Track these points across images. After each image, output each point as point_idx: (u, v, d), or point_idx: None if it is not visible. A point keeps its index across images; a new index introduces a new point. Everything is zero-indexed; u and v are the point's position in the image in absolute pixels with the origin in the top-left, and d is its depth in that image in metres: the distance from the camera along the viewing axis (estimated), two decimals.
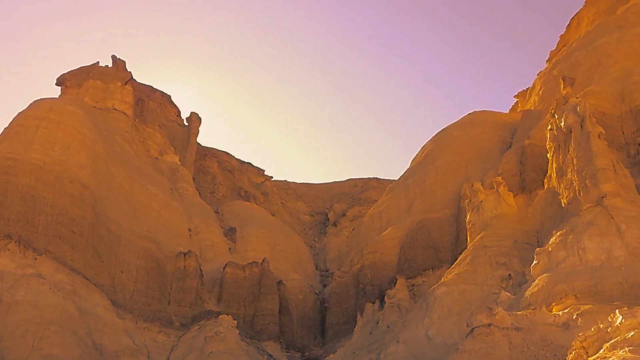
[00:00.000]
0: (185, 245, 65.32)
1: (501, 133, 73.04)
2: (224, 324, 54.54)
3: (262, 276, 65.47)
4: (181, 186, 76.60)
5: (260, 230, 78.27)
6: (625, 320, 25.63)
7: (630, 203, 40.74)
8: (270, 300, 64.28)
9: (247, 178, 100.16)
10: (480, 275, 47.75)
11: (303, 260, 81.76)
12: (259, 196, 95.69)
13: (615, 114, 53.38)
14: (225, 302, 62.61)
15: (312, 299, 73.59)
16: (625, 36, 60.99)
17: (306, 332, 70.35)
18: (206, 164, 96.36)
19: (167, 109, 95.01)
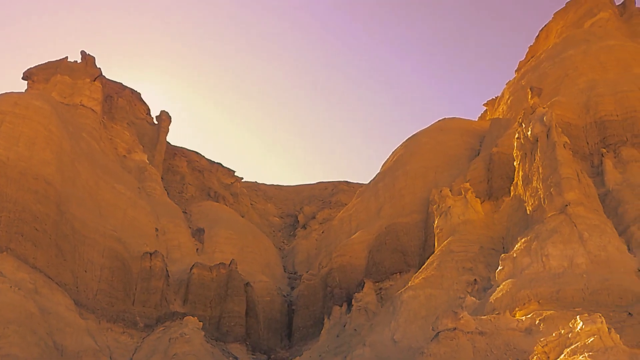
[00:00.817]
0: (152, 245, 64.34)
1: (470, 140, 74.18)
2: (190, 325, 53.87)
3: (229, 277, 64.90)
4: (149, 185, 75.46)
5: (228, 232, 77.62)
6: (585, 326, 26.27)
7: (592, 212, 41.84)
8: (237, 302, 63.75)
9: (216, 178, 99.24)
10: (447, 280, 48.31)
11: (271, 262, 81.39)
12: (228, 197, 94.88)
13: (580, 124, 54.78)
14: (191, 303, 61.85)
15: (280, 301, 73.30)
16: (591, 49, 62.71)
17: (273, 334, 70.01)
18: (175, 164, 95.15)
19: (137, 107, 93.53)
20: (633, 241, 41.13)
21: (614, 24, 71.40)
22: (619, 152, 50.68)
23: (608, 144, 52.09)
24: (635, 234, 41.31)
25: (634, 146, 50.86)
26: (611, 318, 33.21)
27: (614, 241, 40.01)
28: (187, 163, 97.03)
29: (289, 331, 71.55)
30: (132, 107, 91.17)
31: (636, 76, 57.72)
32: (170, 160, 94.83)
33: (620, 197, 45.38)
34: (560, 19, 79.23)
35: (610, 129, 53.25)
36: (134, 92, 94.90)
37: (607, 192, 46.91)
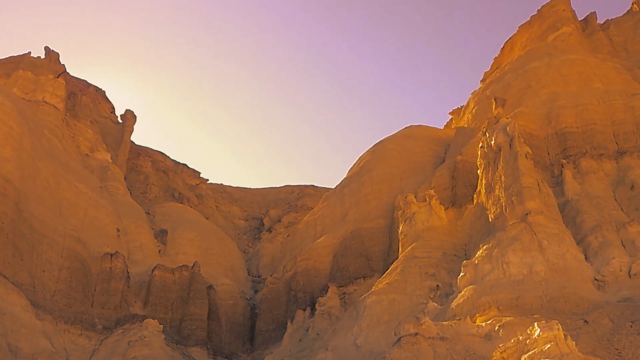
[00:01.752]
0: (113, 245, 63.01)
1: (435, 148, 75.21)
2: (150, 328, 52.89)
3: (192, 280, 64.04)
4: (111, 185, 73.94)
5: (192, 233, 76.62)
6: (542, 332, 26.89)
7: (552, 221, 42.93)
8: (199, 305, 62.93)
9: (181, 179, 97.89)
10: (410, 285, 48.76)
11: (235, 265, 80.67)
12: (193, 198, 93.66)
13: (541, 135, 56.17)
14: (152, 305, 60.78)
15: (243, 305, 72.67)
16: (554, 62, 64.45)
17: (235, 338, 69.35)
18: (139, 163, 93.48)
19: (101, 105, 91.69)
20: (590, 250, 42.34)
21: (576, 38, 73.58)
22: (578, 163, 52.16)
23: (568, 155, 53.55)
24: (592, 244, 42.54)
25: (592, 158, 52.41)
26: (568, 325, 34.08)
27: (572, 250, 41.13)
28: (152, 163, 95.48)
29: (251, 335, 71.01)
30: (96, 105, 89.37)
31: (596, 90, 59.55)
32: (134, 160, 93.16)
33: (579, 207, 46.68)
34: (525, 32, 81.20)
35: (571, 141, 54.76)
36: (99, 89, 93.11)
37: (566, 202, 48.19)
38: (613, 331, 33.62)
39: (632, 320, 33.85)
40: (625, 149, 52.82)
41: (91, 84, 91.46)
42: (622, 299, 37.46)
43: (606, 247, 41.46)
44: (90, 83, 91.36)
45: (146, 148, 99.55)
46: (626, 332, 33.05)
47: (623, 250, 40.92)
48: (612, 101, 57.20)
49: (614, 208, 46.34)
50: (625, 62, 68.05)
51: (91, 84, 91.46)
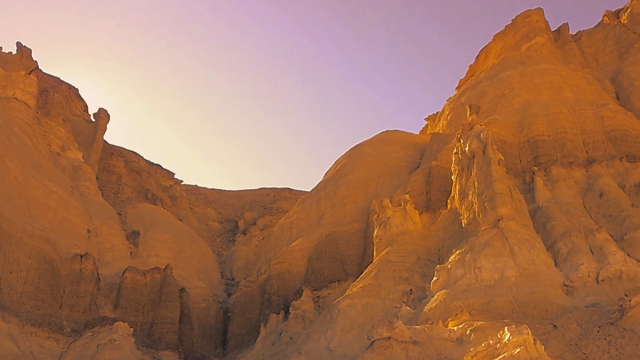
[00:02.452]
0: (83, 246, 61.84)
1: (411, 153, 75.81)
2: (120, 331, 52.00)
3: (163, 283, 63.18)
4: (83, 184, 72.61)
5: (165, 235, 75.63)
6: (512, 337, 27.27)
7: (523, 227, 43.61)
8: (171, 308, 62.11)
9: (155, 180, 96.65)
10: (384, 290, 48.95)
11: (208, 268, 79.89)
12: (166, 200, 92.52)
13: (514, 142, 57.08)
14: (122, 308, 59.78)
15: (216, 308, 71.97)
16: (527, 71, 65.65)
17: (207, 342, 68.61)
18: (112, 163, 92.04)
19: (74, 103, 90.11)
20: (559, 256, 43.11)
21: (548, 48, 75.10)
22: (549, 170, 53.13)
23: (539, 163, 54.52)
24: (562, 250, 43.33)
25: (563, 166, 53.44)
26: (537, 330, 34.63)
27: (542, 255, 41.83)
28: (125, 163, 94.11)
29: (223, 339, 70.36)
30: (68, 103, 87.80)
31: (567, 99, 60.81)
32: (106, 159, 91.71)
33: (549, 214, 47.52)
34: (500, 40, 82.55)
35: (542, 148, 55.78)
36: (72, 87, 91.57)
37: (537, 208, 49.02)
38: (581, 336, 34.27)
39: (599, 325, 34.55)
40: (594, 158, 54.02)
41: (64, 81, 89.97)
42: (589, 304, 38.23)
43: (575, 253, 42.28)
44: (63, 80, 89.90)
45: (119, 148, 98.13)
46: (593, 337, 33.72)
47: (591, 257, 41.78)
48: (582, 111, 58.48)
49: (583, 215, 47.31)
50: (596, 73, 69.71)
51: (64, 81, 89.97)
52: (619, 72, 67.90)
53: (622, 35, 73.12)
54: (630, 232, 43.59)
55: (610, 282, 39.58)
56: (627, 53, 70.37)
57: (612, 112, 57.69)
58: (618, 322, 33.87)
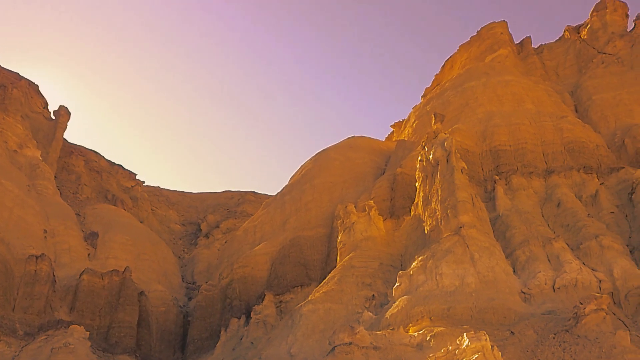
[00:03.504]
0: (39, 247, 59.98)
1: (376, 159, 76.35)
2: (75, 335, 50.58)
3: (122, 286, 61.78)
4: (40, 183, 70.50)
5: (124, 237, 74.00)
6: (471, 343, 27.62)
7: (484, 234, 44.37)
8: (129, 311, 60.76)
9: (115, 181, 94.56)
10: (346, 295, 48.99)
11: (169, 271, 78.50)
12: (127, 201, 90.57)
13: (477, 151, 58.12)
14: (78, 311, 58.17)
15: (175, 312, 70.71)
16: (491, 82, 67.04)
17: (165, 346, 67.32)
18: (71, 162, 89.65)
19: (33, 100, 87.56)
20: (518, 264, 44.00)
21: (512, 60, 76.89)
22: (509, 179, 54.25)
23: (501, 172, 55.62)
24: (520, 257, 44.23)
25: (523, 175, 54.65)
26: (495, 336, 35.19)
27: (501, 263, 42.62)
28: (85, 163, 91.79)
29: (183, 343, 69.15)
30: (27, 100, 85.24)
31: (528, 110, 62.31)
32: (66, 158, 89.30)
33: (509, 222, 48.48)
34: (465, 51, 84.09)
35: (503, 158, 56.96)
36: (32, 83, 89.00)
37: (497, 217, 49.95)
38: (537, 342, 34.98)
39: (555, 332, 35.35)
40: (553, 168, 55.43)
41: (24, 77, 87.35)
42: (546, 311, 39.09)
43: (533, 261, 43.22)
44: (23, 76, 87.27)
45: (79, 147, 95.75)
46: (549, 343, 34.47)
47: (548, 265, 42.77)
48: (542, 122, 59.99)
49: (541, 224, 48.43)
50: (556, 86, 71.71)
51: (24, 77, 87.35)
52: (578, 85, 70.01)
53: (581, 50, 75.45)
54: (586, 241, 44.82)
55: (566, 290, 40.58)
56: (586, 67, 72.63)
57: (571, 125, 59.38)
58: (573, 329, 34.72)
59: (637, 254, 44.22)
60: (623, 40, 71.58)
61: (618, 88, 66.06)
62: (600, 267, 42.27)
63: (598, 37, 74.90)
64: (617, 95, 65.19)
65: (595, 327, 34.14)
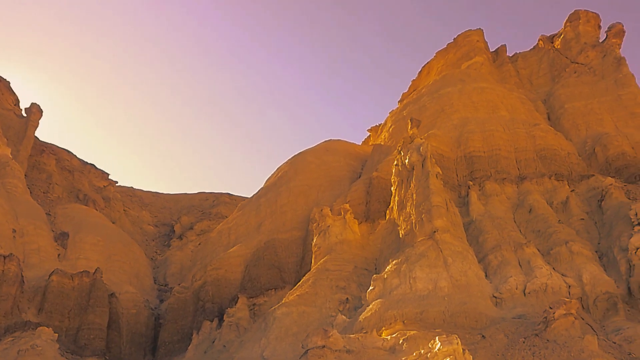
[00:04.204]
0: (7, 247, 58.60)
1: (353, 163, 76.62)
2: (43, 336, 49.50)
3: (92, 287, 60.73)
4: (9, 182, 68.94)
5: (96, 238, 72.79)
6: (443, 346, 27.84)
7: (457, 239, 44.83)
8: (99, 313, 59.73)
9: (87, 180, 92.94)
10: (320, 298, 48.97)
11: (141, 273, 77.40)
12: (99, 201, 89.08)
13: (452, 157, 58.77)
14: (47, 312, 56.97)
15: (146, 315, 69.73)
16: (466, 89, 67.91)
17: (136, 349, 66.33)
18: (42, 161, 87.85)
19: (4, 96, 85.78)
20: (490, 268, 44.56)
21: (487, 68, 77.99)
22: (483, 185, 54.97)
23: (474, 178, 56.33)
24: (492, 262, 44.79)
25: (496, 181, 55.43)
26: (467, 340, 35.54)
27: (474, 267, 43.10)
28: (56, 161, 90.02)
29: (153, 346, 68.20)
30: None
31: (502, 117, 63.27)
32: (37, 156, 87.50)
33: (482, 227, 49.09)
34: (441, 57, 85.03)
35: (477, 164, 57.70)
36: (3, 80, 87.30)
37: (471, 222, 50.55)
38: (507, 346, 35.43)
39: (525, 336, 35.86)
40: (525, 175, 56.34)
41: None
42: (516, 315, 39.63)
43: (504, 266, 43.81)
44: None
45: (51, 145, 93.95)
46: (519, 347, 34.94)
47: (519, 270, 43.40)
48: (516, 129, 60.96)
49: (513, 229, 49.16)
50: (529, 94, 72.98)
51: None
52: (551, 94, 71.36)
53: (555, 59, 76.90)
54: (556, 247, 45.63)
55: (536, 295, 41.22)
56: (559, 76, 74.05)
57: (543, 132, 60.44)
58: (542, 333, 35.26)
59: (606, 260, 45.18)
60: (595, 51, 73.17)
61: (589, 97, 67.52)
62: (570, 273, 43.05)
63: (571, 47, 76.43)
64: (588, 104, 66.62)
65: (564, 332, 34.72)
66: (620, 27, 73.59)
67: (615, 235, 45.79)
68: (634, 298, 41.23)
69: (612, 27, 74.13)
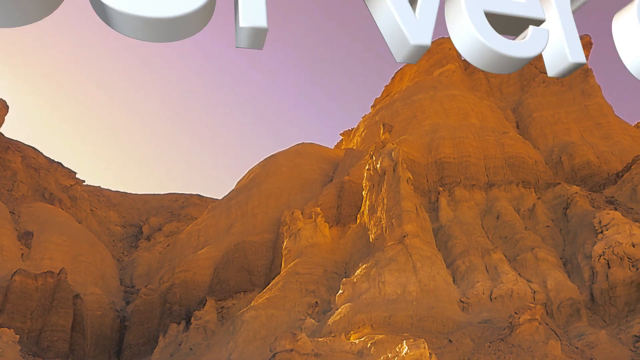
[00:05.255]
0: None
1: (325, 166, 76.71)
2: (4, 338, 48.07)
3: (56, 288, 59.35)
4: None
5: (61, 238, 71.18)
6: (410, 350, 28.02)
7: (426, 244, 45.28)
8: (63, 314, 58.39)
9: (54, 179, 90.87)
10: (290, 301, 48.82)
11: (107, 274, 75.97)
12: (65, 200, 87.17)
13: (422, 162, 59.37)
14: (8, 313, 55.40)
15: (112, 317, 68.44)
16: (438, 95, 68.75)
17: (100, 351, 65.03)
18: (7, 158, 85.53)
19: None
20: (458, 274, 45.11)
21: (459, 76, 79.14)
22: (453, 191, 55.66)
23: (444, 184, 57.00)
24: (460, 267, 45.36)
25: (465, 187, 56.20)
26: (434, 344, 35.87)
27: (442, 272, 43.58)
28: (22, 159, 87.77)
29: (119, 349, 66.96)
30: None
31: (472, 125, 64.21)
32: (2, 153, 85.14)
33: (451, 233, 49.68)
34: (414, 64, 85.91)
35: (448, 170, 58.41)
36: None
37: (440, 227, 51.09)
38: (473, 350, 35.89)
39: (490, 340, 36.38)
40: (494, 182, 57.26)
41: None
42: (482, 320, 40.19)
43: (472, 271, 44.41)
44: None
45: (17, 142, 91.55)
46: (484, 351, 35.43)
47: (486, 275, 44.04)
48: (485, 137, 61.94)
49: (481, 235, 49.88)
50: (499, 102, 74.31)
51: None
52: (520, 103, 72.78)
53: (524, 69, 78.51)
54: (522, 253, 46.46)
55: (502, 300, 41.88)
56: (528, 86, 75.63)
57: (512, 140, 61.56)
58: (507, 338, 35.82)
59: (570, 266, 46.17)
60: None
61: (557, 107, 69.09)
62: (535, 279, 43.87)
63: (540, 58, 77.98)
64: (555, 114, 68.16)
65: (528, 337, 35.34)
66: (588, 39, 75.55)
67: (579, 243, 46.84)
68: (597, 304, 42.24)
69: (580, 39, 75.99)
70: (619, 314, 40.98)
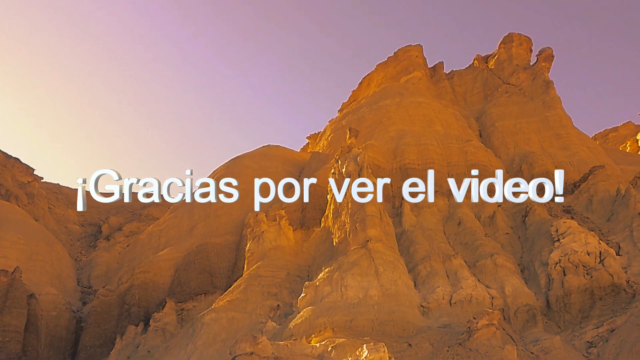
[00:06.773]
0: None
1: (290, 169, 76.60)
2: None
3: (10, 287, 57.54)
4: None
5: (16, 235, 69.04)
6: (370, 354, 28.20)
7: (389, 249, 45.68)
8: (16, 315, 56.64)
9: (11, 175, 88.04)
10: (251, 304, 48.54)
11: (63, 274, 73.99)
12: (22, 197, 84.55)
13: (387, 168, 59.90)
14: None
15: (68, 317, 66.67)
16: (404, 102, 69.55)
17: (55, 353, 63.27)
18: None
19: None
20: (419, 278, 45.65)
21: (424, 83, 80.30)
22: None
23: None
24: (422, 272, 45.92)
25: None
26: (393, 348, 36.18)
27: (404, 277, 44.03)
28: None
29: (74, 350, 65.22)
30: None
31: (436, 132, 65.17)
32: None
33: (413, 238, 50.26)
34: (382, 70, 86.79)
35: (412, 176, 58.98)
36: None
37: (403, 232, 51.63)
38: (432, 354, 36.35)
39: (449, 345, 36.92)
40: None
41: None
42: (442, 325, 40.76)
43: (433, 276, 45.01)
44: None
45: None
46: (443, 356, 35.93)
47: (447, 280, 44.70)
48: (449, 144, 62.93)
49: (443, 241, 50.63)
50: (463, 111, 75.66)
51: None
52: (483, 112, 74.26)
53: (488, 79, 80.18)
54: (482, 259, 47.35)
55: (461, 305, 42.56)
56: (492, 96, 77.25)
57: (475, 148, 62.71)
58: (465, 342, 36.40)
59: (527, 273, 47.28)
60: (526, 73, 76.84)
61: (519, 117, 70.73)
62: (494, 284, 44.75)
63: (504, 68, 79.91)
64: (517, 124, 69.77)
65: (486, 342, 35.99)
66: (550, 51, 77.68)
67: (536, 250, 48.01)
68: (552, 310, 43.35)
69: (543, 52, 78.11)
70: (573, 320, 42.16)
